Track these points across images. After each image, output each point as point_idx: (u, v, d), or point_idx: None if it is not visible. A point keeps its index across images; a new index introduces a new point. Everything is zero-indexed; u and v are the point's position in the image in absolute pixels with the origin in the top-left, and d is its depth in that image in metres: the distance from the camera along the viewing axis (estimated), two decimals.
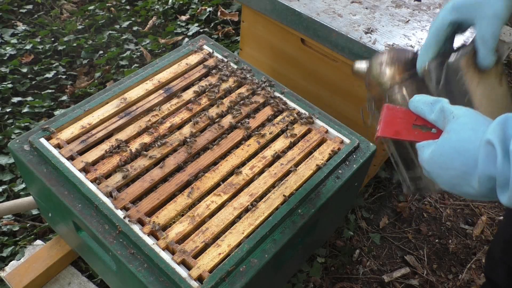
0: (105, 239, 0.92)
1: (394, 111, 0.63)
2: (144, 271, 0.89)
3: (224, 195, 1.00)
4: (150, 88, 1.21)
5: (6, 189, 1.53)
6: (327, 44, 1.32)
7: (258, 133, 1.14)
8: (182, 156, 1.07)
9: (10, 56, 1.99)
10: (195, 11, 2.32)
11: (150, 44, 2.13)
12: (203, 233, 0.94)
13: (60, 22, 2.22)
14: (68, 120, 1.11)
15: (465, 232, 1.66)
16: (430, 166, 0.60)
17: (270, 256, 0.93)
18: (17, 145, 1.06)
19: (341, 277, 1.47)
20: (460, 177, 0.56)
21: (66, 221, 1.09)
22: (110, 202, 0.96)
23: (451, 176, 0.57)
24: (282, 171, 1.06)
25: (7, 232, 1.44)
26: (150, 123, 1.13)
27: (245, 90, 1.24)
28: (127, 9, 2.35)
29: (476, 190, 0.55)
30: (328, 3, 1.37)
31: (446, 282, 1.51)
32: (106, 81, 1.97)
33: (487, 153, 0.52)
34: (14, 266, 1.30)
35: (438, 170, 0.59)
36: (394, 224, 1.65)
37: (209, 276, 0.86)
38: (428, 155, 0.59)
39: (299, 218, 1.00)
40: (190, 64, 1.29)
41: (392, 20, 1.35)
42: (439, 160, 0.58)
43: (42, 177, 1.01)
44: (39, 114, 1.80)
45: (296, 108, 1.21)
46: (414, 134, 0.62)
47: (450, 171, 0.57)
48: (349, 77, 1.38)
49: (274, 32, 1.50)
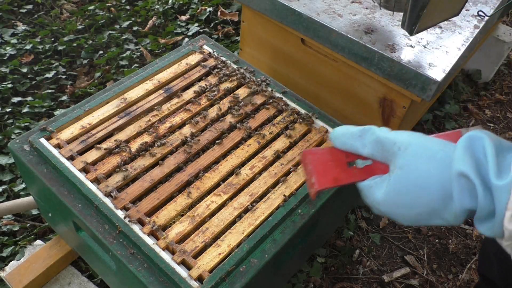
0: (105, 239, 0.92)
1: (320, 155, 0.56)
2: (144, 271, 0.89)
3: (224, 195, 1.00)
4: (150, 88, 1.21)
5: (6, 189, 1.53)
6: (327, 44, 1.32)
7: (258, 133, 1.14)
8: (182, 156, 1.07)
9: (10, 56, 1.99)
10: (195, 11, 2.32)
11: (150, 44, 2.13)
12: (203, 233, 0.94)
13: (60, 22, 2.22)
14: (68, 120, 1.11)
15: (465, 232, 1.66)
16: (387, 208, 0.53)
17: (270, 256, 0.93)
18: (17, 145, 1.06)
19: (341, 277, 1.47)
20: (428, 213, 0.51)
21: (66, 221, 1.09)
22: (110, 202, 0.96)
23: (416, 214, 0.52)
24: (282, 171, 1.06)
25: (7, 232, 1.44)
26: (150, 123, 1.13)
27: (245, 90, 1.24)
28: (127, 9, 2.35)
29: (448, 221, 0.51)
30: (328, 3, 1.37)
31: (446, 282, 1.51)
32: (106, 81, 1.97)
33: (462, 187, 0.48)
34: (14, 266, 1.30)
35: (399, 210, 0.52)
36: (394, 224, 1.65)
37: (209, 276, 0.86)
38: (382, 196, 0.53)
39: (299, 218, 1.00)
40: (190, 64, 1.29)
41: (392, 20, 1.35)
42: (398, 201, 0.51)
43: (42, 177, 1.01)
44: (39, 114, 1.80)
45: (296, 108, 1.21)
46: (354, 174, 0.55)
47: (415, 209, 0.51)
48: (349, 77, 1.38)
49: (274, 32, 1.50)
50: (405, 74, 1.20)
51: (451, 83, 2.06)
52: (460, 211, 0.49)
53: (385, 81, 1.27)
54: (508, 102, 2.13)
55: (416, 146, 0.50)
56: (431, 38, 1.30)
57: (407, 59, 1.21)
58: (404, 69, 1.20)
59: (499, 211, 0.46)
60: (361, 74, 1.34)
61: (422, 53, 1.24)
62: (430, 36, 1.31)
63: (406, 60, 1.20)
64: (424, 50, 1.25)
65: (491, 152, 0.46)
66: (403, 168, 0.50)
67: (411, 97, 1.26)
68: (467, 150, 0.47)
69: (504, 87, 2.20)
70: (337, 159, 0.55)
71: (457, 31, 1.34)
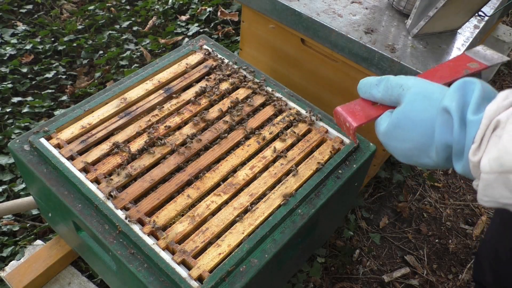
0: (105, 239, 0.92)
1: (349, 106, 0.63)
2: (144, 271, 0.89)
3: (224, 195, 1.00)
4: (150, 88, 1.21)
5: (6, 189, 1.53)
6: (327, 44, 1.32)
7: (258, 133, 1.14)
8: (182, 156, 1.07)
9: (10, 56, 1.99)
10: (195, 11, 2.32)
11: (150, 44, 2.13)
12: (203, 233, 0.94)
13: (60, 22, 2.22)
14: (68, 120, 1.11)
15: (465, 232, 1.66)
16: (386, 139, 0.58)
17: (270, 256, 0.93)
18: (17, 145, 1.06)
19: (341, 277, 1.47)
20: (417, 149, 0.55)
21: (66, 221, 1.09)
22: (110, 202, 0.96)
23: (408, 148, 0.56)
24: (282, 171, 1.06)
25: (7, 232, 1.44)
26: (150, 123, 1.13)
27: (245, 90, 1.24)
28: (127, 9, 2.35)
29: (434, 160, 0.54)
30: (328, 3, 1.37)
31: (446, 282, 1.51)
32: (106, 81, 1.97)
33: (443, 121, 0.51)
34: (14, 266, 1.30)
35: (394, 143, 0.57)
36: (394, 224, 1.65)
37: (209, 276, 0.86)
38: (384, 128, 0.58)
39: (299, 218, 1.00)
40: (190, 64, 1.29)
41: (392, 20, 1.35)
42: (395, 133, 0.56)
43: (42, 177, 1.01)
44: (39, 114, 1.80)
45: (296, 108, 1.21)
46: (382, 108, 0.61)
47: (407, 143, 0.55)
48: (349, 77, 1.38)
49: (274, 32, 1.50)
50: (405, 74, 1.20)
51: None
52: (441, 146, 0.52)
53: None
54: None
55: (417, 87, 0.55)
56: (431, 39, 1.30)
57: (407, 59, 1.21)
58: (404, 69, 1.20)
59: (467, 144, 0.49)
60: (361, 74, 1.34)
61: (422, 53, 1.24)
62: (430, 36, 1.31)
63: (406, 60, 1.20)
64: (424, 50, 1.25)
65: (477, 94, 0.50)
66: (403, 104, 0.55)
67: None
68: (458, 91, 0.51)
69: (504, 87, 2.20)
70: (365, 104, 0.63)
71: (457, 31, 1.34)
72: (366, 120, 0.61)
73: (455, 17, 1.25)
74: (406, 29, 1.30)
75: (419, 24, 1.24)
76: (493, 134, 0.47)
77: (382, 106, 0.61)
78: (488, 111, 0.48)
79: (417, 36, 1.27)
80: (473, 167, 0.50)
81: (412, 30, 1.27)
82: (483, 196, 0.50)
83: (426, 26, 1.23)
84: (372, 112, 0.61)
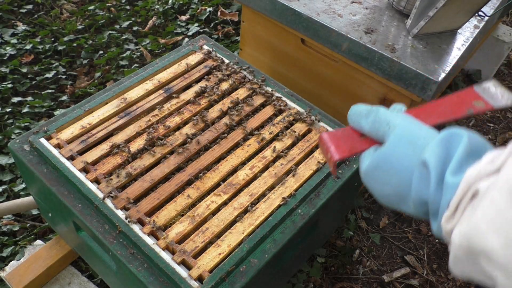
0: (105, 239, 0.92)
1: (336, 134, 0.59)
2: (144, 271, 0.89)
3: (224, 195, 1.00)
4: (150, 88, 1.21)
5: (6, 189, 1.53)
6: (327, 44, 1.32)
7: (258, 133, 1.14)
8: (182, 156, 1.07)
9: (10, 56, 1.99)
10: (195, 11, 2.32)
11: (150, 44, 2.13)
12: (203, 233, 0.94)
13: (60, 22, 2.22)
14: (68, 120, 1.11)
15: None
16: (366, 179, 0.54)
17: (270, 256, 0.93)
18: (17, 145, 1.06)
19: (341, 277, 1.47)
20: (396, 195, 0.51)
21: (66, 221, 1.09)
22: (110, 202, 0.96)
23: (387, 193, 0.52)
24: (282, 171, 1.06)
25: (7, 232, 1.44)
26: (150, 123, 1.13)
27: (245, 90, 1.24)
28: (127, 9, 2.35)
29: (412, 211, 0.50)
30: (328, 3, 1.37)
31: (446, 282, 1.51)
32: (106, 81, 1.97)
33: (421, 175, 0.47)
34: (14, 266, 1.30)
35: (373, 185, 0.53)
36: (394, 224, 1.65)
37: (209, 276, 0.86)
38: (365, 167, 0.53)
39: (299, 218, 1.00)
40: (190, 64, 1.29)
41: (392, 20, 1.35)
42: (374, 175, 0.52)
43: (42, 177, 1.01)
44: (39, 114, 1.80)
45: (296, 108, 1.21)
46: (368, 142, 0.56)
47: (386, 187, 0.51)
48: (349, 77, 1.38)
49: (274, 32, 1.50)
50: (405, 74, 1.20)
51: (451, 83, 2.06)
52: (417, 201, 0.48)
53: (385, 81, 1.27)
54: None
55: (402, 129, 0.50)
56: (431, 39, 1.30)
57: (407, 59, 1.21)
58: (404, 69, 1.20)
59: (442, 208, 0.45)
60: (361, 74, 1.34)
61: (422, 53, 1.24)
62: (430, 36, 1.31)
63: (406, 60, 1.20)
64: (424, 50, 1.25)
65: (461, 150, 0.45)
66: (386, 146, 0.51)
67: (411, 97, 1.26)
68: (442, 142, 0.46)
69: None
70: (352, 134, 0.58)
71: (457, 31, 1.34)
72: (349, 153, 0.57)
73: (455, 17, 1.25)
74: (406, 29, 1.30)
75: (419, 24, 1.24)
76: (470, 204, 0.42)
77: (370, 140, 0.56)
78: (468, 176, 0.43)
79: (417, 36, 1.27)
80: (445, 233, 0.45)
81: (412, 30, 1.27)
82: (453, 268, 0.45)
83: (426, 26, 1.24)
84: (357, 145, 0.57)
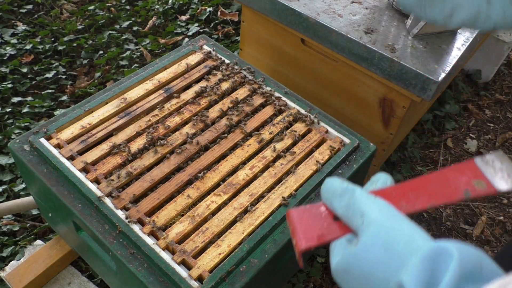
0: (105, 239, 0.92)
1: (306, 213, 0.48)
2: (144, 271, 0.89)
3: (224, 195, 1.00)
4: (150, 88, 1.21)
5: (6, 189, 1.53)
6: (327, 44, 1.32)
7: (258, 133, 1.14)
8: (182, 156, 1.07)
9: (10, 56, 1.99)
10: (195, 11, 2.32)
11: (150, 44, 2.13)
12: (203, 233, 0.94)
13: (60, 22, 2.22)
14: (68, 120, 1.11)
15: (465, 232, 1.66)
16: (335, 277, 0.46)
17: (270, 256, 0.93)
18: (17, 145, 1.06)
19: None
20: None
21: (66, 221, 1.09)
22: (110, 202, 0.96)
23: None
24: (282, 171, 1.06)
25: (7, 232, 1.44)
26: (150, 123, 1.13)
27: (245, 90, 1.24)
28: (127, 9, 2.35)
29: None
30: (328, 3, 1.37)
31: None
32: (106, 81, 1.97)
33: None
34: (14, 266, 1.30)
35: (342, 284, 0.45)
36: None
37: (209, 276, 0.86)
38: (335, 264, 0.45)
39: None
40: (190, 64, 1.29)
41: (392, 20, 1.35)
42: (344, 277, 0.44)
43: (42, 177, 1.01)
44: (39, 114, 1.80)
45: (296, 108, 1.21)
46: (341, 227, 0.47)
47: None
48: (349, 77, 1.38)
49: (274, 32, 1.50)
50: (405, 74, 1.20)
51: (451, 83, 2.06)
52: None
53: (385, 81, 1.27)
54: (508, 102, 2.13)
55: (378, 228, 0.41)
56: (431, 39, 1.30)
57: (407, 59, 1.21)
58: (404, 69, 1.20)
59: None
60: (361, 74, 1.34)
61: (422, 53, 1.24)
62: (430, 36, 1.30)
63: (406, 60, 1.20)
64: (424, 50, 1.25)
65: (449, 278, 0.36)
66: (358, 245, 0.42)
67: (411, 97, 1.26)
68: (425, 263, 0.37)
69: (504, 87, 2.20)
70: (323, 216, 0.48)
71: (457, 31, 1.34)
72: (318, 243, 0.47)
73: None
74: (406, 29, 1.30)
75: (419, 24, 1.24)
76: None
77: (344, 225, 0.46)
78: None
79: (417, 36, 1.27)
80: None
81: (412, 30, 1.27)
82: None
83: (426, 26, 1.23)
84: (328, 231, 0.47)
